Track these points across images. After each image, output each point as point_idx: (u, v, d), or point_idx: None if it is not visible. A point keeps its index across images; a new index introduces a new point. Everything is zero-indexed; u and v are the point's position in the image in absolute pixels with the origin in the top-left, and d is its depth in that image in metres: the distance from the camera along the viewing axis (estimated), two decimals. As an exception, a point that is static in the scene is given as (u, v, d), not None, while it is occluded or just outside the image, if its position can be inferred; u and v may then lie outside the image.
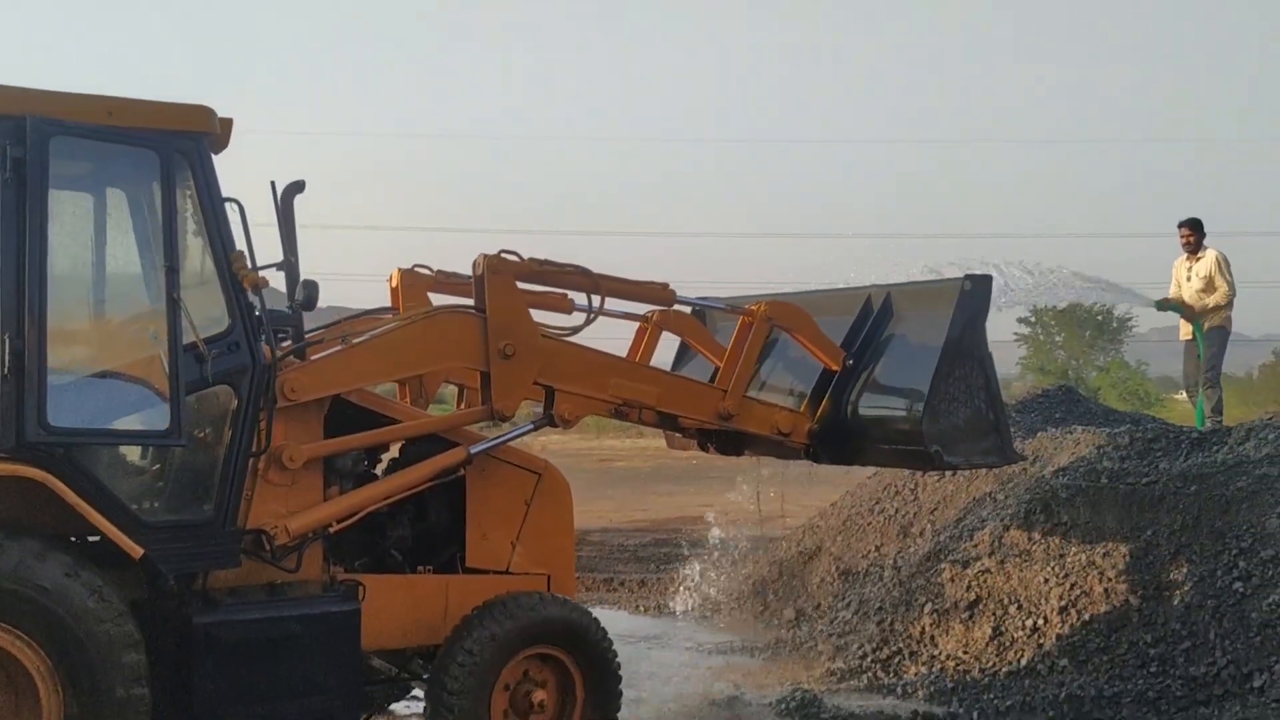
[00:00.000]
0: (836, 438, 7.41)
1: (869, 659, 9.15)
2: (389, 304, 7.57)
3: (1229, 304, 11.93)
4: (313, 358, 6.16)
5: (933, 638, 9.13)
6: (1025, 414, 13.27)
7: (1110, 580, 8.69)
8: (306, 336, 6.21)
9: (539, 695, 6.14)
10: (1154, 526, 8.98)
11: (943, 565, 9.71)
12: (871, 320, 7.71)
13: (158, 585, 5.46)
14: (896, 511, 11.81)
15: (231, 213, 5.71)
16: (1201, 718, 7.36)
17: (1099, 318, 47.67)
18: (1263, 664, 7.62)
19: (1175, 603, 8.40)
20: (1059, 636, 8.52)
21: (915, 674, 8.79)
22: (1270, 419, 10.28)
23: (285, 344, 6.06)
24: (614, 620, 11.38)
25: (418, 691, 6.82)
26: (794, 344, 7.64)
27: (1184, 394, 13.04)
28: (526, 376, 6.35)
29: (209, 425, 5.74)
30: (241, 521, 5.68)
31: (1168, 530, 8.90)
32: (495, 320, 6.26)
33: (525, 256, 6.56)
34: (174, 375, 5.36)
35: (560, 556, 6.81)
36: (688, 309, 7.91)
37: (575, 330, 6.89)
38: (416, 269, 7.45)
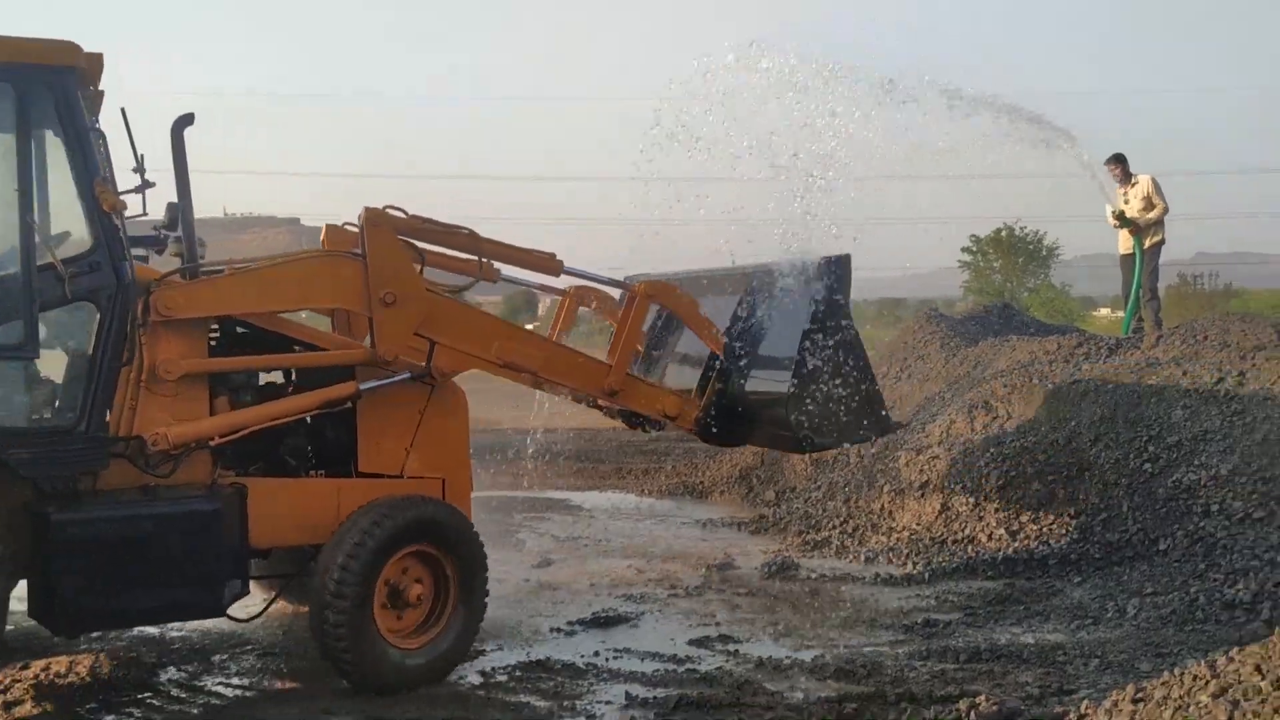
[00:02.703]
0: (723, 422, 6.75)
1: (838, 530, 9.22)
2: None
3: (1163, 223, 11.68)
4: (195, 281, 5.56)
5: (891, 513, 9.19)
6: (970, 326, 13.28)
7: (1040, 463, 8.70)
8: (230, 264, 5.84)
9: (416, 590, 5.62)
10: (1077, 418, 8.98)
11: (900, 453, 9.74)
12: (751, 302, 7.02)
13: (40, 488, 5.05)
14: (860, 409, 11.83)
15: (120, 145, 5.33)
16: (1115, 575, 7.39)
17: (1030, 246, 47.29)
18: (1166, 531, 7.65)
19: (1095, 481, 8.42)
20: (996, 510, 8.56)
21: (876, 543, 8.84)
22: (1175, 328, 10.27)
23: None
24: (623, 501, 11.57)
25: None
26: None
27: (1104, 310, 12.87)
28: (408, 325, 5.73)
29: (72, 339, 5.29)
30: (124, 429, 5.24)
31: (1089, 421, 8.90)
32: (375, 268, 5.65)
33: (408, 212, 5.96)
34: (26, 293, 4.94)
35: (455, 461, 6.13)
36: (581, 281, 7.16)
37: (461, 289, 6.32)
38: (347, 226, 6.29)
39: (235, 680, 5.93)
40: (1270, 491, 7.43)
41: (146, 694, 5.67)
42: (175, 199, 5.63)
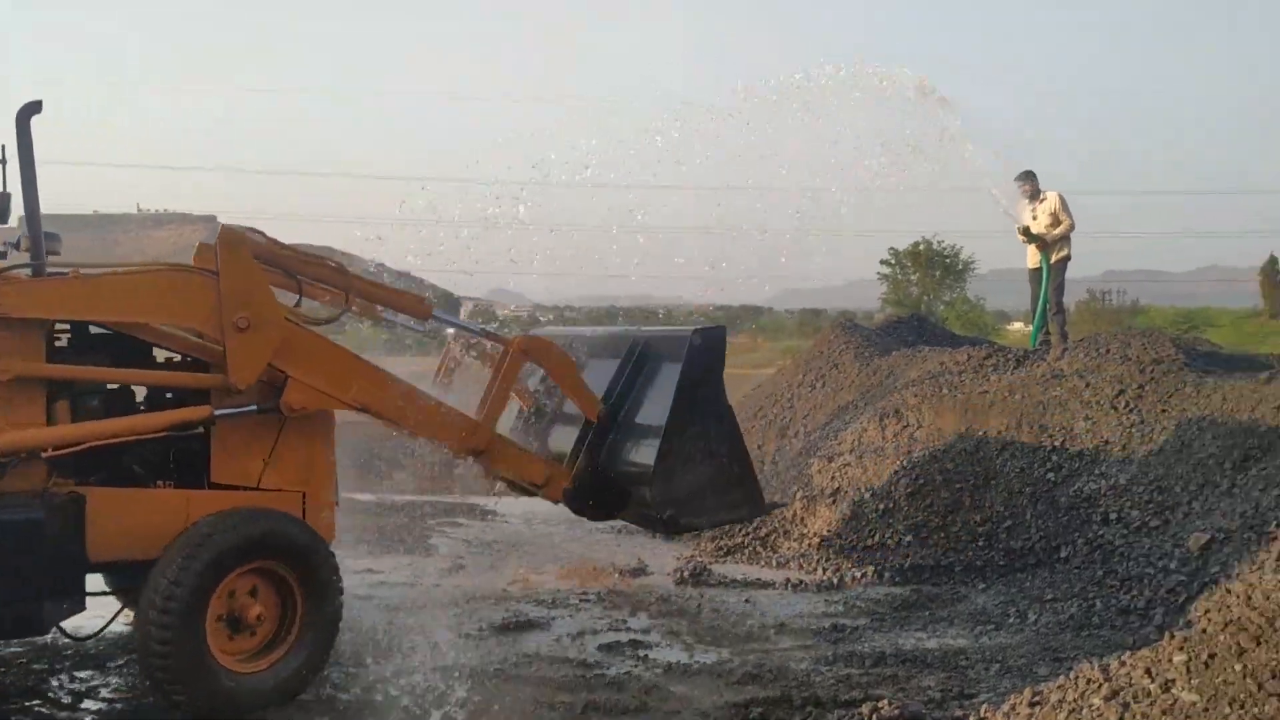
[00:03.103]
0: (592, 495, 6.36)
1: (750, 536, 9.27)
2: None
3: (1069, 239, 11.94)
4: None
5: (803, 520, 9.28)
6: (884, 338, 13.47)
7: (948, 471, 8.87)
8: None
9: (255, 610, 5.20)
10: (985, 427, 9.19)
11: (812, 460, 9.86)
12: (630, 368, 6.59)
13: None
14: (776, 416, 11.95)
15: None
16: (1017, 582, 7.56)
17: (947, 260, 48.32)
18: (1068, 539, 7.85)
19: (1000, 489, 8.61)
20: (905, 517, 8.68)
21: (788, 549, 8.93)
22: (1080, 341, 10.54)
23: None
24: (534, 506, 11.43)
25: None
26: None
27: (1017, 323, 13.14)
28: (263, 352, 5.30)
29: None
30: None
31: (996, 430, 9.12)
32: (228, 290, 5.23)
33: (268, 237, 5.63)
34: None
35: (317, 474, 5.67)
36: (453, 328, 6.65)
37: (323, 322, 5.84)
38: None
39: (127, 689, 5.75)
40: (1165, 501, 7.66)
41: (35, 701, 5.48)
42: (9, 190, 5.31)
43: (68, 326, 5.36)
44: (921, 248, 48.28)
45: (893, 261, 50.07)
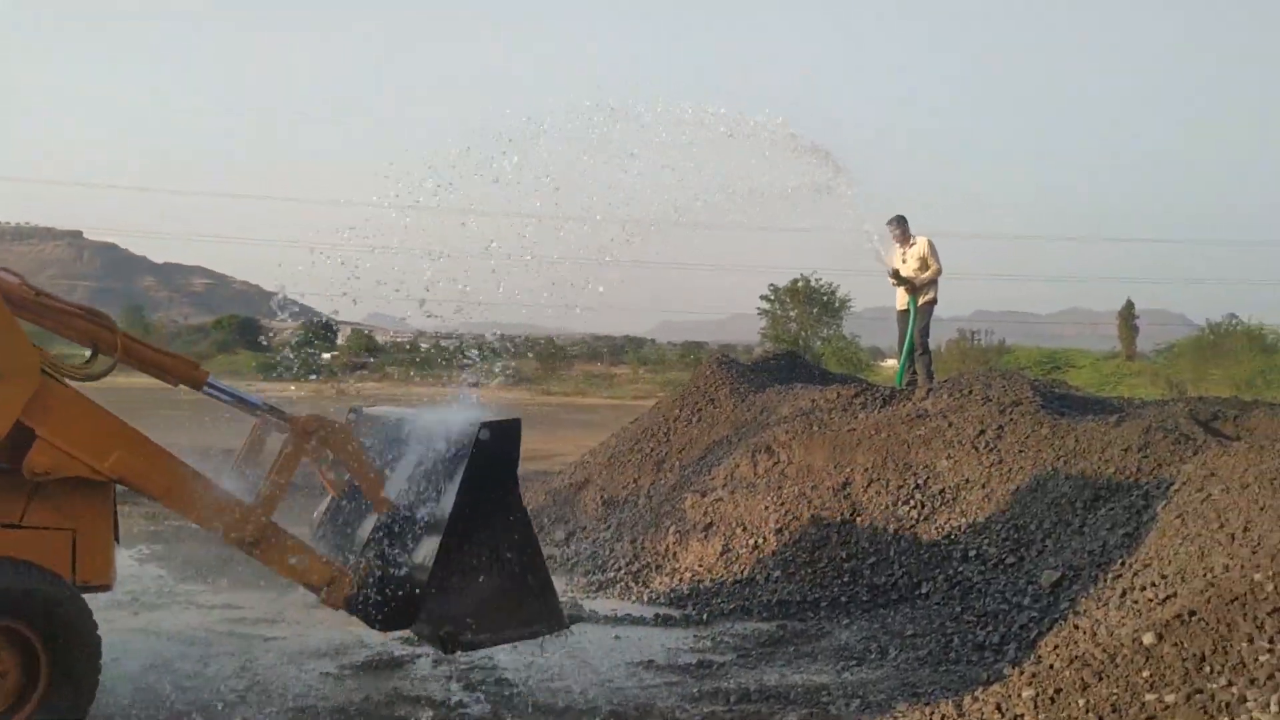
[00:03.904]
0: (379, 604, 5.51)
1: (623, 571, 9.27)
2: None
3: (936, 282, 12.34)
4: None
5: (675, 554, 9.31)
6: (758, 374, 13.67)
7: (816, 508, 9.04)
8: None
9: None
10: (852, 465, 9.38)
11: (686, 495, 9.92)
12: (430, 459, 5.72)
13: None
14: (652, 450, 11.99)
15: None
16: (880, 617, 7.71)
17: (825, 297, 49.39)
18: (929, 575, 8.06)
19: (866, 525, 8.80)
20: (774, 552, 8.80)
21: (660, 584, 8.94)
22: (944, 381, 10.88)
23: None
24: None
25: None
26: None
27: (890, 361, 13.48)
28: (10, 405, 4.69)
29: None
30: None
31: (863, 468, 9.32)
32: None
33: (25, 280, 5.15)
34: None
35: (91, 511, 5.07)
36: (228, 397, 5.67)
37: (90, 377, 5.17)
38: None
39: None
40: (1021, 538, 7.93)
41: None
42: None
43: None
44: (800, 285, 49.28)
45: (772, 298, 51.04)
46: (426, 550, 5.37)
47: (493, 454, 5.43)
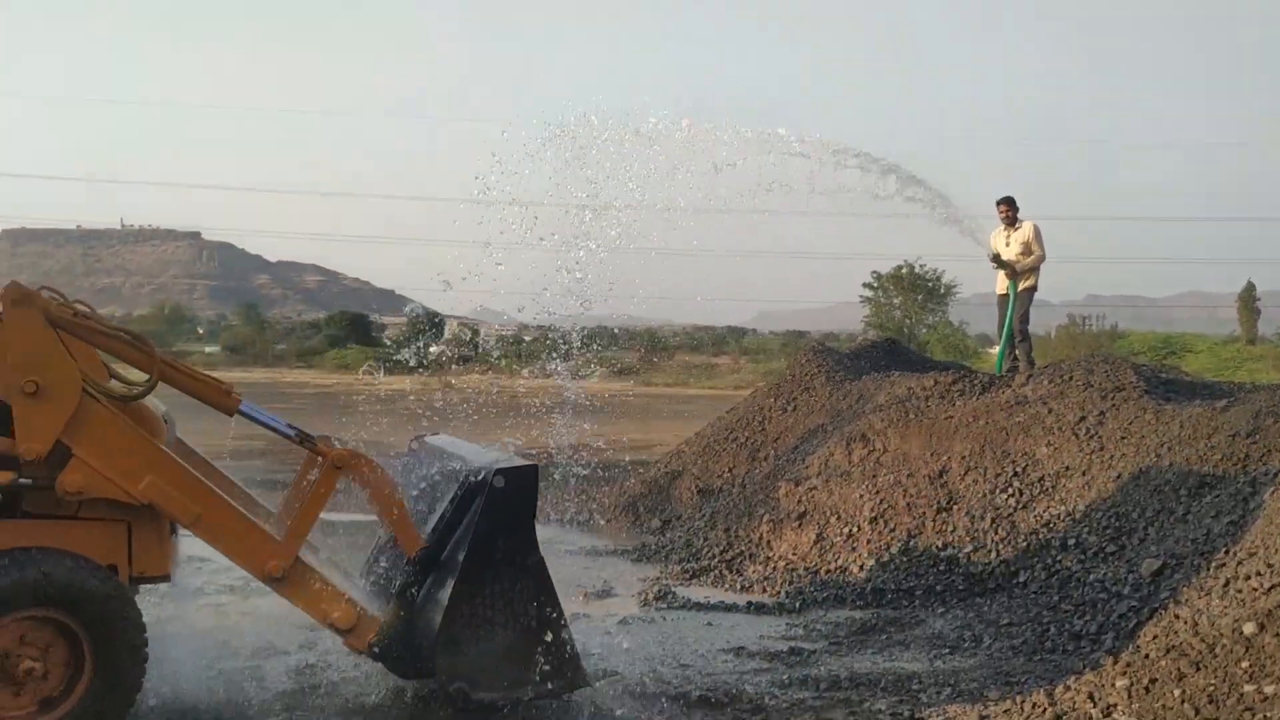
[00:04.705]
0: (403, 649, 5.29)
1: (716, 559, 9.34)
2: None
3: (1038, 269, 12.11)
4: None
5: (769, 542, 9.35)
6: (857, 361, 13.59)
7: (912, 496, 8.98)
8: None
9: (27, 664, 4.72)
10: (949, 453, 9.29)
11: (780, 483, 9.93)
12: (460, 499, 5.47)
13: None
14: (747, 439, 12.04)
15: None
16: (975, 606, 7.63)
17: (930, 284, 48.58)
18: (1027, 564, 7.95)
19: (962, 514, 8.71)
20: (868, 541, 8.77)
21: (753, 572, 8.99)
22: (1045, 367, 10.67)
23: None
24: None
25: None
26: None
27: (998, 348, 13.23)
28: (54, 423, 4.80)
29: None
30: None
31: (960, 455, 9.21)
32: (15, 351, 4.79)
33: (67, 300, 5.22)
34: None
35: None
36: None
37: (127, 399, 5.11)
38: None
39: None
40: (1122, 527, 7.76)
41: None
42: None
43: None
44: (904, 271, 48.58)
45: (875, 285, 50.38)
46: (439, 601, 5.21)
47: (509, 502, 5.25)
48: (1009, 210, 12.14)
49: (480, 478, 5.35)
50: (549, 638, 5.32)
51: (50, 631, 4.79)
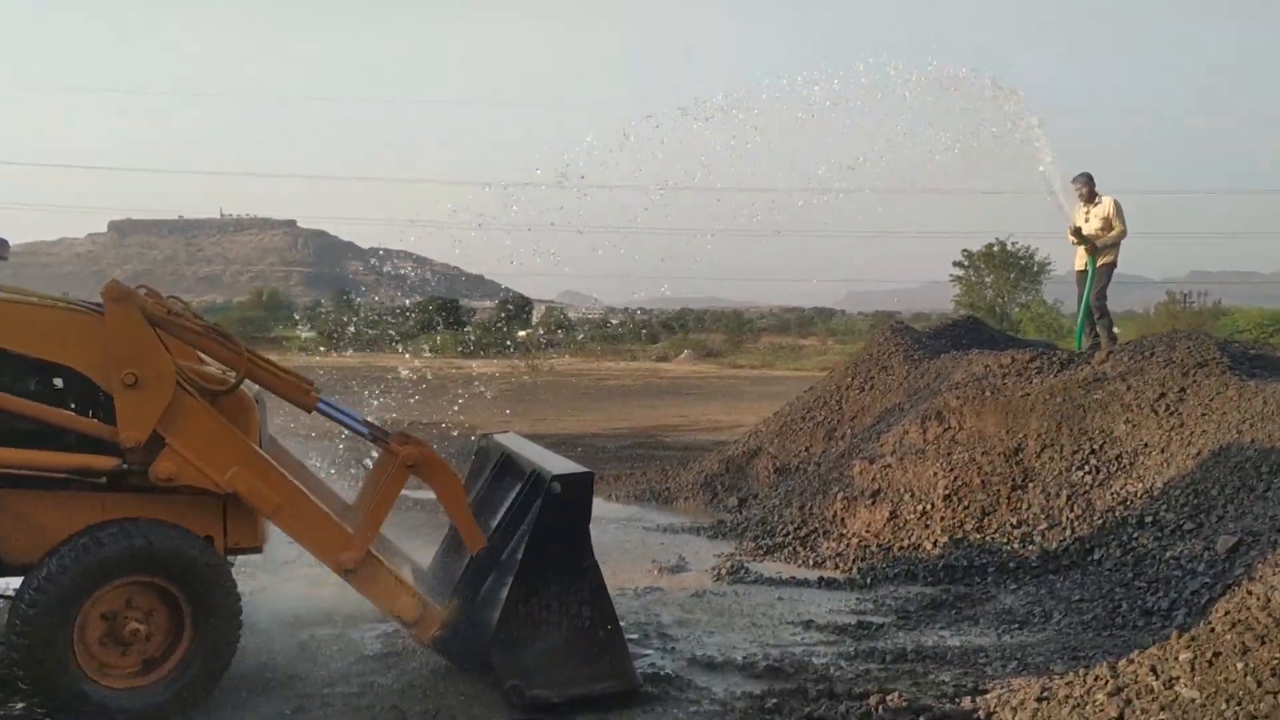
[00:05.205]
0: (467, 643, 5.56)
1: (790, 536, 9.45)
2: None
3: (1118, 245, 11.94)
4: None
5: (843, 520, 9.42)
6: (937, 340, 13.53)
7: (986, 474, 8.97)
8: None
9: (133, 625, 5.03)
10: (1025, 430, 9.25)
11: (854, 461, 9.99)
12: (522, 499, 5.69)
13: None
14: (824, 419, 12.10)
15: None
16: (1048, 583, 7.63)
17: (1022, 262, 47.64)
18: (1102, 541, 7.91)
19: (1038, 492, 8.68)
20: (941, 519, 8.79)
21: (826, 548, 9.08)
22: (1125, 344, 10.53)
23: None
24: (589, 506, 11.75)
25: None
26: None
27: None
28: (150, 413, 5.09)
29: None
30: None
31: (1036, 433, 9.17)
32: (115, 345, 5.08)
33: (166, 297, 5.44)
34: None
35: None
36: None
37: (217, 393, 5.36)
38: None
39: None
40: (1201, 504, 7.68)
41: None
42: None
43: None
44: (995, 249, 47.71)
45: (966, 263, 49.57)
46: (497, 600, 5.44)
47: (564, 507, 5.43)
48: (1085, 186, 12.00)
49: (539, 482, 5.54)
50: (602, 638, 5.49)
51: (154, 597, 5.12)
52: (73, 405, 5.36)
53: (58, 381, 5.41)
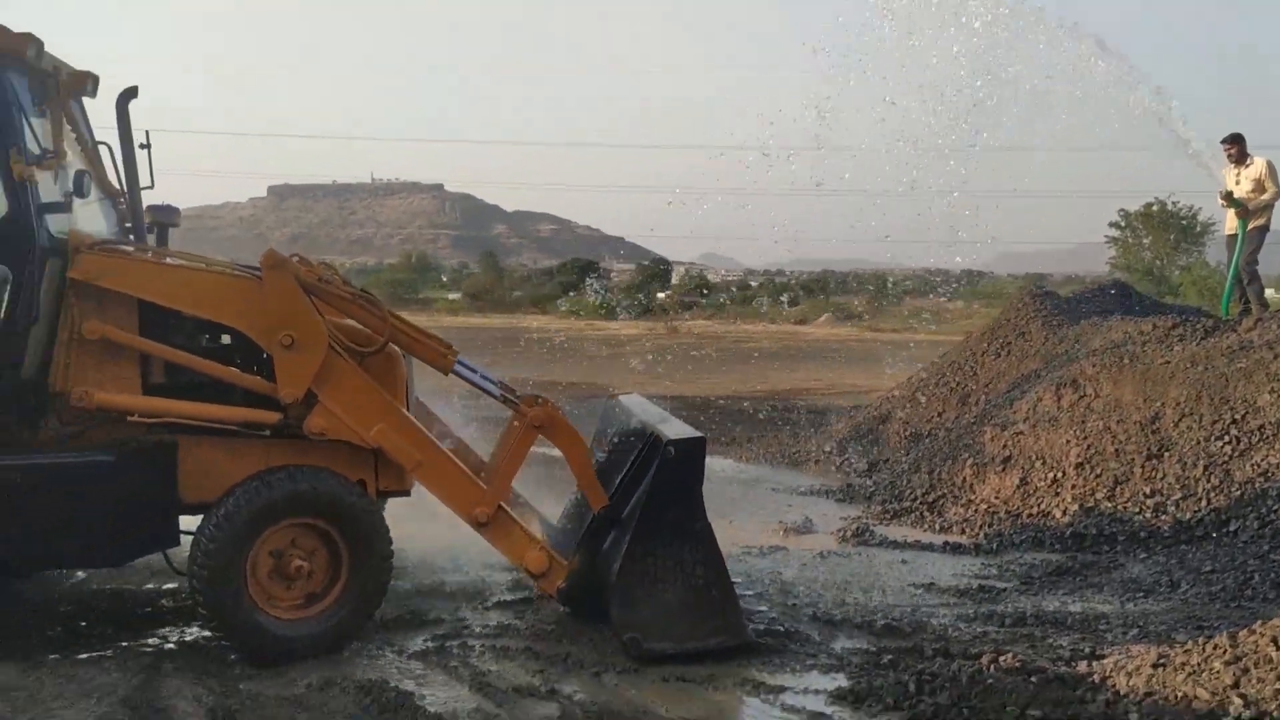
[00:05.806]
0: (589, 595, 5.92)
1: (918, 501, 9.53)
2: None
3: (1271, 207, 11.57)
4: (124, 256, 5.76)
5: (971, 486, 9.44)
6: (1079, 305, 13.28)
7: (1121, 442, 8.86)
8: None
9: (298, 562, 5.53)
10: (1163, 399, 9.09)
11: (986, 428, 9.98)
12: (640, 460, 5.98)
13: None
14: (958, 384, 12.06)
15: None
16: (1179, 554, 7.55)
17: (1183, 222, 45.45)
18: (1239, 513, 7.78)
19: (1174, 462, 8.55)
20: (1073, 487, 8.75)
21: (954, 514, 9.14)
22: (1276, 312, 10.19)
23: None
24: (720, 466, 12.02)
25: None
26: None
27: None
28: (306, 371, 5.57)
29: None
30: (60, 385, 5.50)
31: (1174, 402, 9.01)
32: (272, 309, 5.56)
33: (318, 263, 5.91)
34: None
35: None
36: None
37: (364, 354, 5.80)
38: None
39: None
40: (1346, 477, 7.48)
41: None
42: (86, 168, 5.96)
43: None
44: (1154, 209, 45.64)
45: (1123, 224, 47.55)
46: (616, 556, 5.73)
47: (678, 470, 5.71)
48: (1236, 148, 11.59)
49: (655, 445, 5.83)
50: (716, 596, 5.76)
51: (315, 537, 5.63)
52: (238, 362, 5.94)
53: (225, 338, 6.01)
